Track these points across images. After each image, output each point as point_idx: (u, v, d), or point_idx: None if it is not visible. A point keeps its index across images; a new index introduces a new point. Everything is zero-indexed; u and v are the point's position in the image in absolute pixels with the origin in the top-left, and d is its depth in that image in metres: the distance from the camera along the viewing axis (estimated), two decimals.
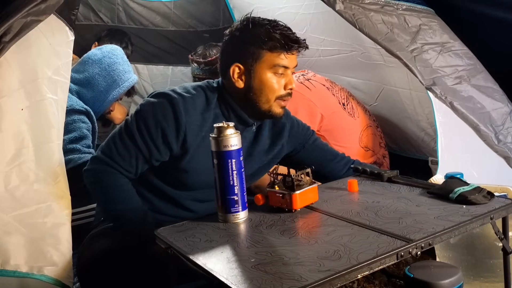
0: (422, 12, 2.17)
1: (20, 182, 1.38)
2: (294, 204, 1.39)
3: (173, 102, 1.53)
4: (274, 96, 1.59)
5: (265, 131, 1.76)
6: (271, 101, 1.60)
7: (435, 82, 2.04)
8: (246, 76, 1.59)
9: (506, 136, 2.12)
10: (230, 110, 1.64)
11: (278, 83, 1.59)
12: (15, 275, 1.33)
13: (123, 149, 1.53)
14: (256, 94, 1.60)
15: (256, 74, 1.58)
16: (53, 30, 1.50)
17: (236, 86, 1.60)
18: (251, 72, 1.58)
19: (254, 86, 1.59)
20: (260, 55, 1.57)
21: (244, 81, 1.60)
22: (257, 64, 1.58)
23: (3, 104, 1.37)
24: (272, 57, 1.57)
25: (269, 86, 1.58)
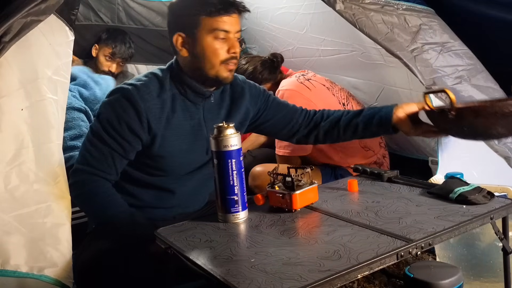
0: (422, 12, 2.17)
1: (20, 182, 1.38)
2: (294, 204, 1.39)
3: (127, 94, 1.57)
4: (218, 61, 1.61)
5: (226, 99, 1.79)
6: (217, 66, 1.61)
7: (435, 82, 2.04)
8: (189, 44, 1.62)
9: None
10: (185, 85, 1.66)
11: (222, 48, 1.60)
12: (15, 275, 1.33)
13: (97, 153, 1.57)
14: (200, 60, 1.62)
15: (198, 41, 1.60)
16: (53, 30, 1.50)
17: (182, 56, 1.63)
18: (193, 39, 1.61)
19: (198, 53, 1.61)
20: (199, 21, 1.59)
21: (188, 50, 1.62)
22: (198, 31, 1.59)
23: (3, 104, 1.37)
24: (211, 21, 1.58)
25: (211, 51, 1.60)
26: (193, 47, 1.62)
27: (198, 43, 1.60)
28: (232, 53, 1.61)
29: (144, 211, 1.65)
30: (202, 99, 1.70)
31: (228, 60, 1.62)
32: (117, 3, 3.29)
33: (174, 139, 1.63)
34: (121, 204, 1.59)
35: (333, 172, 2.40)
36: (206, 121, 1.71)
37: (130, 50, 3.11)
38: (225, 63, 1.62)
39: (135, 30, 3.37)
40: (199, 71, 1.64)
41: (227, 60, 1.61)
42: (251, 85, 1.89)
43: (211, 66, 1.62)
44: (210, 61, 1.61)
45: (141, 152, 1.64)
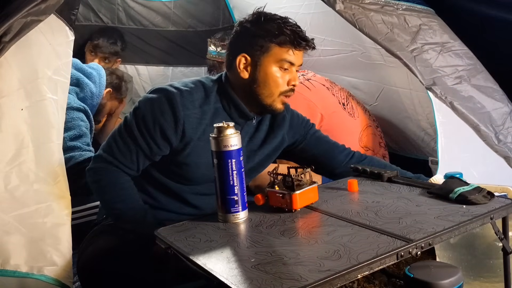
0: (422, 12, 2.17)
1: (20, 182, 1.38)
2: (294, 204, 1.39)
3: (170, 97, 1.54)
4: (277, 91, 1.61)
5: (265, 124, 1.77)
6: (275, 96, 1.61)
7: (435, 82, 2.04)
8: (252, 67, 1.61)
9: (506, 136, 2.12)
10: (231, 103, 1.65)
11: (283, 78, 1.61)
12: (15, 275, 1.33)
13: (124, 147, 1.55)
14: (260, 86, 1.61)
15: (262, 67, 1.60)
16: (53, 30, 1.51)
17: (241, 77, 1.61)
18: (257, 64, 1.60)
19: (259, 78, 1.60)
20: (268, 48, 1.59)
21: (250, 72, 1.61)
22: (264, 57, 1.59)
23: (3, 104, 1.37)
24: (280, 51, 1.58)
25: (274, 80, 1.60)
26: (256, 72, 1.60)
27: (262, 68, 1.60)
28: (292, 85, 1.62)
29: (157, 211, 1.64)
30: (244, 121, 1.68)
31: (287, 92, 1.62)
32: (117, 3, 3.29)
33: (204, 150, 1.58)
34: (136, 199, 1.57)
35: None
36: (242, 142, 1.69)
37: (113, 47, 3.09)
38: (283, 94, 1.62)
39: (135, 31, 3.37)
40: (254, 96, 1.62)
41: (286, 91, 1.62)
42: (293, 114, 1.87)
43: (270, 94, 1.61)
44: (270, 89, 1.61)
45: (168, 156, 1.61)
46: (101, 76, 2.52)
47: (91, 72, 2.48)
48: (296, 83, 1.63)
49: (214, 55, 2.98)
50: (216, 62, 2.99)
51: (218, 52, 2.96)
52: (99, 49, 3.04)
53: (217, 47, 2.96)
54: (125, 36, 3.30)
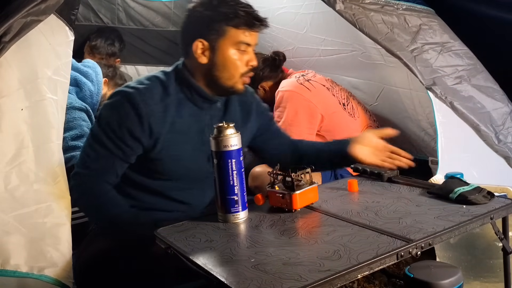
0: (422, 12, 2.17)
1: (20, 182, 1.38)
2: (294, 204, 1.39)
3: (129, 97, 1.55)
4: (238, 73, 1.62)
5: (235, 108, 1.79)
6: (235, 77, 1.63)
7: (435, 82, 2.04)
8: (210, 51, 1.61)
9: (506, 136, 2.12)
10: (193, 90, 1.65)
11: (241, 60, 1.62)
12: (15, 275, 1.33)
13: (97, 157, 1.55)
14: (220, 70, 1.62)
15: (220, 50, 1.60)
16: (53, 30, 1.50)
17: (199, 62, 1.61)
18: (215, 48, 1.60)
19: (218, 62, 1.61)
20: (224, 31, 1.59)
21: (208, 57, 1.61)
22: (221, 40, 1.59)
23: (3, 104, 1.37)
24: (236, 33, 1.59)
25: (233, 62, 1.61)
26: (214, 56, 1.61)
27: (220, 52, 1.60)
28: (251, 65, 1.64)
29: (148, 213, 1.64)
30: (209, 105, 1.69)
31: (247, 72, 1.64)
32: (117, 3, 3.29)
33: (177, 143, 1.62)
34: (120, 204, 1.58)
35: (333, 172, 2.39)
36: (210, 127, 1.69)
37: (111, 48, 3.08)
38: (243, 76, 1.63)
39: (135, 31, 3.37)
40: (215, 79, 1.63)
41: (245, 72, 1.63)
42: (258, 102, 1.89)
43: (230, 76, 1.62)
44: (230, 71, 1.61)
45: (142, 155, 1.62)
46: (98, 73, 2.51)
47: (87, 71, 2.47)
48: (254, 64, 1.64)
49: None
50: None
51: None
52: (97, 50, 3.03)
53: None
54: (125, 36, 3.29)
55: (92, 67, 2.52)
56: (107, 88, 2.63)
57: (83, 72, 2.46)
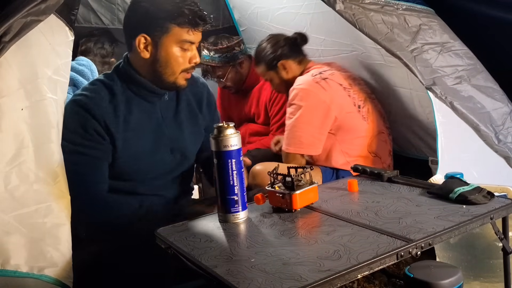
0: (422, 12, 2.17)
1: (20, 182, 1.38)
2: (294, 204, 1.39)
3: (80, 104, 1.59)
4: (179, 69, 1.65)
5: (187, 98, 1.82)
6: (177, 74, 1.65)
7: (435, 82, 2.04)
8: (152, 47, 1.63)
9: (506, 136, 2.12)
10: (140, 86, 1.68)
11: (184, 57, 1.64)
12: (15, 275, 1.33)
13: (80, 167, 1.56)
14: (162, 66, 1.64)
15: (163, 47, 1.62)
16: (53, 30, 1.50)
17: (142, 57, 1.64)
18: (158, 44, 1.62)
19: (161, 59, 1.64)
20: (168, 29, 1.61)
21: (150, 52, 1.64)
22: (165, 37, 1.62)
23: (3, 104, 1.37)
24: (180, 32, 1.61)
25: (175, 60, 1.64)
26: (157, 52, 1.63)
27: (163, 49, 1.62)
28: (194, 63, 1.66)
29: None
30: (158, 98, 1.72)
31: (189, 69, 1.66)
32: (117, 3, 3.28)
33: (136, 140, 1.65)
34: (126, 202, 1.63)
35: (334, 173, 2.39)
36: (165, 119, 1.73)
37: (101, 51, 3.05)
38: (185, 72, 1.66)
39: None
40: (157, 74, 1.66)
41: (187, 69, 1.66)
42: (209, 92, 1.92)
43: (171, 73, 1.65)
44: (171, 68, 1.64)
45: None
46: (93, 71, 2.51)
47: (82, 70, 2.47)
48: (196, 61, 1.66)
49: (207, 59, 2.99)
50: (210, 67, 3.00)
51: (211, 56, 2.97)
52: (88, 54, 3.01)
53: (210, 51, 2.97)
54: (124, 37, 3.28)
55: (87, 65, 2.51)
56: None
57: (79, 70, 2.46)
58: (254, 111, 3.10)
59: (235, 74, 3.03)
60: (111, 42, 3.10)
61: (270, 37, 2.56)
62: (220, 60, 2.96)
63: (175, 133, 1.75)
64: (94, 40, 2.99)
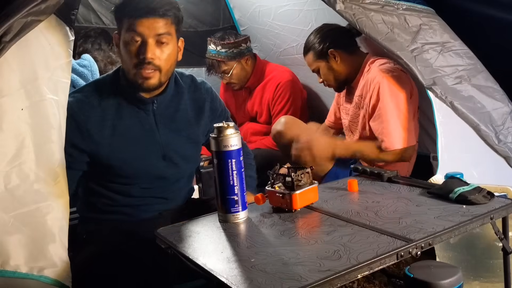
0: (422, 12, 2.17)
1: (20, 181, 1.38)
2: (294, 204, 1.39)
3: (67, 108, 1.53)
4: (130, 63, 1.58)
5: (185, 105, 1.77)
6: (131, 69, 1.59)
7: (435, 81, 2.04)
8: (118, 45, 1.63)
9: (506, 136, 2.12)
10: (128, 90, 1.65)
11: (133, 51, 1.57)
12: (15, 275, 1.33)
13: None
14: (122, 61, 1.63)
15: (120, 42, 1.60)
16: (53, 30, 1.50)
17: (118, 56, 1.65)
18: (120, 40, 1.61)
19: (120, 54, 1.62)
20: (121, 22, 1.59)
21: (118, 50, 1.63)
22: (121, 31, 1.60)
23: (3, 104, 1.37)
24: (128, 23, 1.57)
25: (125, 53, 1.59)
26: (119, 48, 1.62)
27: (120, 44, 1.61)
28: (143, 58, 1.56)
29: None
30: (147, 105, 1.68)
31: (141, 64, 1.57)
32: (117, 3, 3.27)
33: (124, 145, 1.63)
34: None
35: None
36: (159, 126, 1.70)
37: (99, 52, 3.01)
38: (137, 68, 1.58)
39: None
40: (124, 74, 1.64)
41: (138, 64, 1.57)
42: (213, 97, 1.87)
43: (127, 68, 1.61)
44: (125, 63, 1.61)
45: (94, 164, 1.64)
46: (93, 72, 2.49)
47: (83, 71, 2.46)
48: (147, 55, 1.55)
49: (214, 54, 2.99)
50: (215, 61, 3.00)
51: (218, 51, 2.97)
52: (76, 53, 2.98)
53: (217, 46, 2.98)
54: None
55: (88, 66, 2.49)
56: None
57: (79, 72, 2.45)
58: (257, 110, 3.10)
59: (240, 70, 3.03)
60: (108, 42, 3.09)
61: (322, 26, 2.44)
62: (227, 55, 2.97)
63: (169, 140, 1.71)
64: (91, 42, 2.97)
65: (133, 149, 1.65)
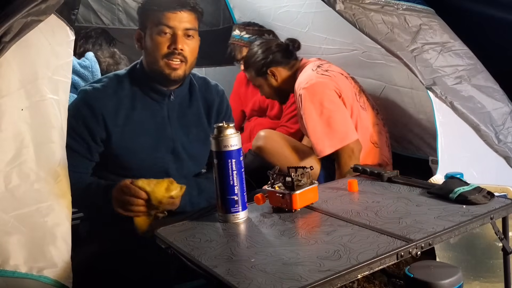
0: (422, 12, 2.17)
1: (21, 181, 1.38)
2: (294, 204, 1.39)
3: (84, 95, 1.65)
4: (159, 54, 1.65)
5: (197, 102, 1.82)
6: (159, 60, 1.65)
7: (435, 82, 2.04)
8: (142, 38, 1.70)
9: (506, 136, 2.12)
10: (144, 81, 1.71)
11: (163, 43, 1.64)
12: (14, 275, 1.33)
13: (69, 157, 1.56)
14: (146, 54, 1.69)
15: (147, 35, 1.67)
16: (54, 30, 1.50)
17: (139, 51, 1.72)
18: (144, 34, 1.68)
19: (145, 46, 1.68)
20: (149, 16, 1.66)
21: (141, 44, 1.70)
22: (148, 25, 1.66)
23: (3, 104, 1.37)
24: (158, 16, 1.63)
25: (154, 45, 1.65)
26: (144, 41, 1.68)
27: (147, 37, 1.67)
28: (173, 48, 1.64)
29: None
30: (163, 98, 1.73)
31: (170, 55, 1.64)
32: (117, 3, 3.28)
33: (133, 136, 1.67)
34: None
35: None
36: (171, 120, 1.73)
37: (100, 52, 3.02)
38: (167, 59, 1.64)
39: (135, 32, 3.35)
40: (148, 66, 1.69)
41: (168, 55, 1.64)
42: (222, 100, 1.91)
43: (154, 60, 1.66)
44: (153, 54, 1.66)
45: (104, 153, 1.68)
46: (94, 72, 2.49)
47: (83, 72, 2.45)
48: (178, 46, 1.64)
49: (237, 38, 3.07)
50: (237, 46, 3.05)
51: (241, 36, 3.04)
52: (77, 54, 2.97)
53: (241, 31, 3.06)
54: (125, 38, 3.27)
55: (89, 66, 2.49)
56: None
57: (80, 73, 2.45)
58: (269, 102, 3.09)
59: None
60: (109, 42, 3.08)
61: (261, 42, 2.51)
62: (249, 40, 3.00)
63: (179, 135, 1.75)
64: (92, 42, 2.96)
65: (143, 140, 1.69)
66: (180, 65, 1.66)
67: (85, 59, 2.54)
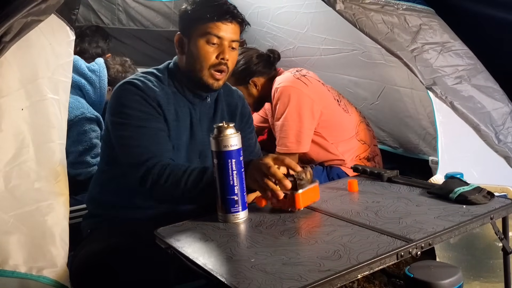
0: (422, 12, 2.17)
1: (21, 181, 1.38)
2: (297, 203, 1.39)
3: (135, 85, 1.60)
4: (206, 64, 1.63)
5: (222, 108, 1.81)
6: (205, 69, 1.64)
7: (435, 82, 2.04)
8: (184, 44, 1.67)
9: (506, 136, 2.12)
10: (183, 84, 1.70)
11: (211, 52, 1.63)
12: (14, 275, 1.33)
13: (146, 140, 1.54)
14: (189, 61, 1.66)
15: (191, 42, 1.65)
16: (54, 30, 1.50)
17: (178, 55, 1.70)
18: (188, 40, 1.66)
19: (189, 53, 1.66)
20: (195, 23, 1.63)
21: (183, 49, 1.68)
22: (193, 32, 1.64)
23: (4, 103, 1.37)
24: (208, 25, 1.61)
25: (201, 53, 1.63)
26: (187, 47, 1.66)
27: (191, 43, 1.64)
28: (221, 59, 1.63)
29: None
30: (200, 100, 1.72)
31: (217, 66, 1.63)
32: (117, 3, 3.28)
33: (178, 132, 1.66)
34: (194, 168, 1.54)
35: (324, 170, 2.38)
36: (201, 123, 1.72)
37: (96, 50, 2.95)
38: (213, 69, 1.63)
39: (135, 32, 3.36)
40: (188, 72, 1.67)
41: (215, 65, 1.63)
42: (244, 105, 1.90)
43: (200, 68, 1.64)
44: (199, 62, 1.63)
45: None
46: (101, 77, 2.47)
47: (91, 76, 2.45)
48: (225, 56, 1.62)
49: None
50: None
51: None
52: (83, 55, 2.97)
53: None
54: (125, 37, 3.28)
55: (97, 71, 2.47)
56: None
57: (87, 77, 2.44)
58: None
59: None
60: (105, 39, 3.07)
61: (243, 51, 2.52)
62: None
63: (206, 139, 1.72)
64: (88, 41, 2.96)
65: (184, 140, 1.67)
66: (223, 75, 1.66)
67: (95, 63, 2.54)
